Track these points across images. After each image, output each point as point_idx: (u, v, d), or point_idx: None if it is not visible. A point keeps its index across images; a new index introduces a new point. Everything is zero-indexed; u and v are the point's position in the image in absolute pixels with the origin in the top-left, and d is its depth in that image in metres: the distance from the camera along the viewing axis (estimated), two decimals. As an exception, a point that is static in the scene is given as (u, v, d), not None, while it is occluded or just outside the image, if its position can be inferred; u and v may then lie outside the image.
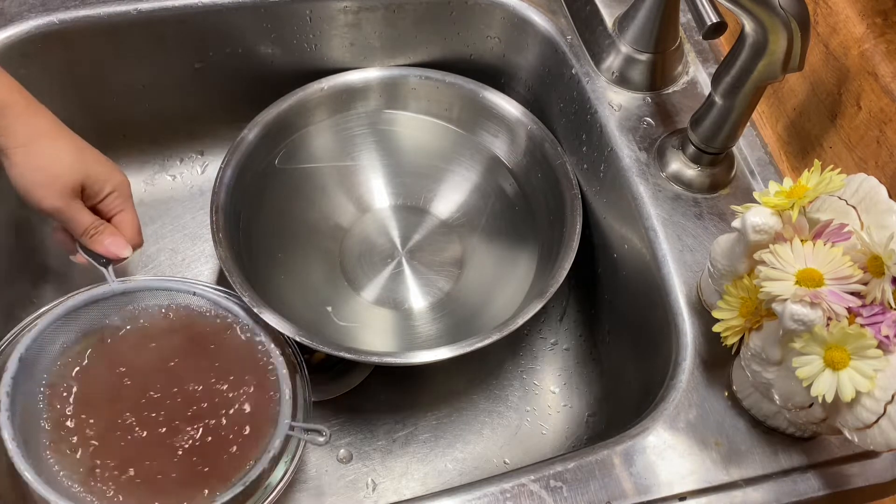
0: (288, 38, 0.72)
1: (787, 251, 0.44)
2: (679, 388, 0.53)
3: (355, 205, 0.78)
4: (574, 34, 0.70)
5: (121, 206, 0.60)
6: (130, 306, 0.59)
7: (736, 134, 0.58)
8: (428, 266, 0.75)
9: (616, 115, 0.65)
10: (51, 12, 0.66)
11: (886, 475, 0.51)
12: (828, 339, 0.42)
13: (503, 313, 0.64)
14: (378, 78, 0.75)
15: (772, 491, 0.50)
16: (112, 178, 0.60)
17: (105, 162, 0.60)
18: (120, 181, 0.60)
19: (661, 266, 0.58)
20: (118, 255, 0.59)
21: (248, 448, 0.55)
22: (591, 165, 0.68)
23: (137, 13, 0.67)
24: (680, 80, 0.68)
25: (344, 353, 0.60)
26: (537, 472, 0.49)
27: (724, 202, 0.61)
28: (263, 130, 0.70)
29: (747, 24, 0.51)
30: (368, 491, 0.67)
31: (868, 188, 0.46)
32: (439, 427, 0.70)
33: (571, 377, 0.73)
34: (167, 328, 0.59)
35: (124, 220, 0.60)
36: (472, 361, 0.71)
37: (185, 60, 0.72)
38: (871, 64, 0.56)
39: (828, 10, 0.60)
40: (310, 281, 0.73)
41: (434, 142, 0.78)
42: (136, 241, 0.61)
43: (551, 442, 0.70)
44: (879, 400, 0.41)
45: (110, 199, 0.60)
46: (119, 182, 0.60)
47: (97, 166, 0.59)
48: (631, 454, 0.50)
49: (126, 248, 0.59)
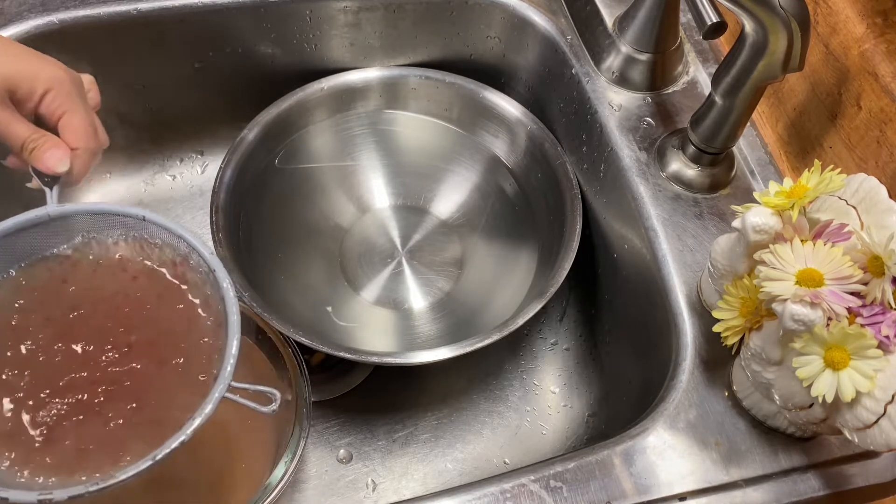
0: (288, 38, 0.72)
1: (788, 251, 0.44)
2: (679, 388, 0.53)
3: (355, 205, 0.78)
4: (574, 34, 0.70)
5: (62, 107, 0.50)
6: (80, 237, 0.51)
7: (736, 134, 0.58)
8: (428, 266, 0.75)
9: (616, 115, 0.65)
10: (50, 12, 0.66)
11: (886, 475, 0.51)
12: (828, 340, 0.42)
13: (503, 313, 0.64)
14: (378, 78, 0.75)
15: (772, 491, 0.50)
16: (42, 74, 0.49)
17: (33, 57, 0.50)
18: (53, 76, 0.49)
19: (661, 266, 0.58)
20: (55, 170, 0.49)
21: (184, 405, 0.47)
22: (591, 165, 0.68)
23: (137, 13, 0.67)
24: (680, 80, 0.68)
25: (344, 353, 0.60)
26: (537, 472, 0.49)
27: (725, 202, 0.61)
28: (263, 130, 0.71)
29: (747, 24, 0.50)
30: (368, 491, 0.67)
31: (868, 188, 0.46)
32: (439, 427, 0.70)
33: (571, 377, 0.73)
34: (115, 263, 0.51)
35: (69, 124, 0.50)
36: (472, 361, 0.71)
37: (185, 60, 0.72)
38: (871, 64, 0.56)
39: (828, 10, 0.60)
40: (310, 281, 0.73)
41: (434, 142, 0.78)
42: (83, 144, 0.50)
43: (551, 442, 0.70)
44: (879, 400, 0.41)
45: (48, 101, 0.49)
46: (52, 77, 0.49)
47: (20, 63, 0.49)
48: (631, 454, 0.50)
49: (64, 161, 0.49)
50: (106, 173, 0.78)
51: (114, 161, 0.78)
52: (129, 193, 0.79)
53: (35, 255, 0.50)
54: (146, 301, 0.50)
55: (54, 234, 0.50)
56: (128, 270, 0.51)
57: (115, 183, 0.79)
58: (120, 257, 0.52)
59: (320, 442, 0.68)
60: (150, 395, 0.47)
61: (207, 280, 0.50)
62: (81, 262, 0.51)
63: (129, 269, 0.51)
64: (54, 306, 0.49)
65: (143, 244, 0.52)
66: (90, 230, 0.51)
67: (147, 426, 0.46)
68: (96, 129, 0.51)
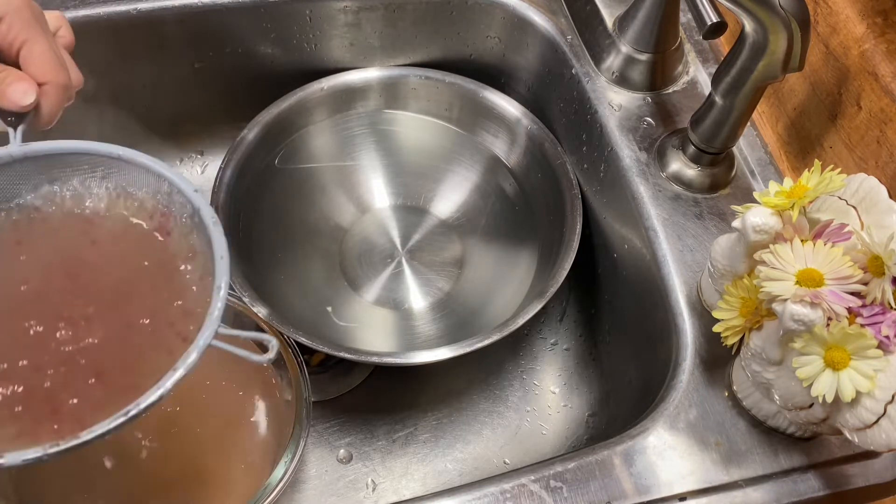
0: (288, 38, 0.72)
1: (788, 251, 0.44)
2: (679, 388, 0.53)
3: (355, 205, 0.78)
4: (574, 34, 0.70)
5: (21, 35, 0.43)
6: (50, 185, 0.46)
7: (736, 134, 0.58)
8: (428, 266, 0.75)
9: (616, 115, 0.65)
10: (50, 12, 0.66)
11: (886, 475, 0.51)
12: (828, 340, 0.42)
13: (503, 313, 0.64)
14: (378, 78, 0.75)
15: (772, 491, 0.50)
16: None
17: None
18: (6, 2, 0.43)
19: (661, 266, 0.58)
20: (19, 104, 0.43)
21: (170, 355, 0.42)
22: (591, 165, 0.68)
23: (137, 13, 0.67)
24: (680, 80, 0.68)
25: (344, 353, 0.60)
26: (537, 472, 0.49)
27: (725, 202, 0.61)
28: (263, 130, 0.70)
29: (747, 24, 0.50)
30: (368, 491, 0.67)
31: (868, 188, 0.46)
32: (439, 427, 0.70)
33: (571, 377, 0.73)
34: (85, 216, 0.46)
35: (30, 55, 0.44)
36: (472, 361, 0.71)
37: (185, 60, 0.72)
38: (871, 64, 0.56)
39: (828, 10, 0.60)
40: (310, 281, 0.72)
41: (434, 142, 0.78)
42: (51, 77, 0.44)
43: (551, 442, 0.70)
44: (880, 400, 0.41)
45: (3, 31, 0.43)
46: (5, 3, 0.43)
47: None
48: (631, 454, 0.50)
49: (29, 93, 0.43)
50: (106, 173, 0.78)
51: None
52: (129, 193, 0.79)
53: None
54: (117, 260, 0.45)
55: (18, 179, 0.45)
56: (97, 225, 0.46)
57: (115, 183, 0.79)
58: (95, 212, 0.46)
59: (320, 442, 0.68)
60: (116, 365, 0.42)
61: (193, 225, 0.45)
62: (47, 213, 0.46)
63: (99, 224, 0.46)
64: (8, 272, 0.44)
65: (122, 194, 0.46)
66: (61, 177, 0.46)
67: (115, 394, 0.41)
68: (64, 62, 0.45)
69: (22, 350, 0.42)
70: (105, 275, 0.45)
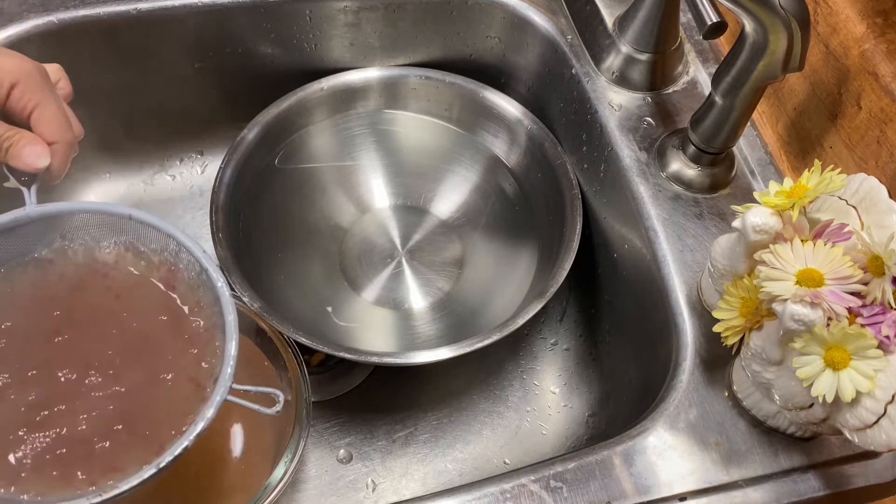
0: (288, 38, 0.72)
1: (788, 251, 0.44)
2: (679, 388, 0.53)
3: (355, 205, 0.78)
4: (574, 34, 0.70)
5: (34, 100, 0.46)
6: (60, 241, 0.48)
7: (736, 134, 0.58)
8: (428, 266, 0.75)
9: (616, 115, 0.65)
10: (50, 12, 0.66)
11: (887, 475, 0.51)
12: (828, 340, 0.42)
13: (503, 313, 0.64)
14: (378, 78, 0.75)
15: (772, 491, 0.50)
16: (6, 67, 0.45)
17: (6, 55, 0.46)
18: (19, 68, 0.46)
19: (661, 266, 0.58)
20: (34, 167, 0.46)
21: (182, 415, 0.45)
22: (591, 165, 0.68)
23: (137, 13, 0.67)
24: (680, 80, 0.68)
25: (344, 353, 0.60)
26: (537, 473, 0.49)
27: (725, 202, 0.61)
28: (263, 130, 0.70)
29: (747, 23, 0.50)
30: (368, 491, 0.67)
31: (868, 188, 0.46)
32: (439, 427, 0.70)
33: (571, 377, 0.73)
34: (100, 272, 0.49)
35: (42, 118, 0.46)
36: (472, 361, 0.71)
37: (185, 60, 0.72)
38: (871, 64, 0.56)
39: (828, 10, 0.60)
40: (310, 281, 0.72)
41: (434, 142, 0.78)
42: (60, 137, 0.47)
43: (551, 442, 0.70)
44: (880, 400, 0.41)
45: (17, 95, 0.46)
46: (18, 69, 0.46)
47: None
48: (631, 454, 0.50)
49: (44, 156, 0.46)
50: (106, 173, 0.78)
51: (113, 161, 0.78)
52: (128, 193, 0.79)
53: (14, 260, 0.48)
54: (132, 316, 0.48)
55: (35, 237, 0.48)
56: (113, 281, 0.49)
57: (114, 183, 0.79)
58: (105, 265, 0.49)
59: (320, 442, 0.68)
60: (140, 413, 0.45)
61: (200, 282, 0.48)
62: (63, 270, 0.48)
63: (114, 279, 0.49)
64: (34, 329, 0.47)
65: (131, 249, 0.49)
66: (73, 233, 0.48)
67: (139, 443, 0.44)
68: (70, 121, 0.48)
69: (60, 397, 0.45)
70: (123, 326, 0.48)
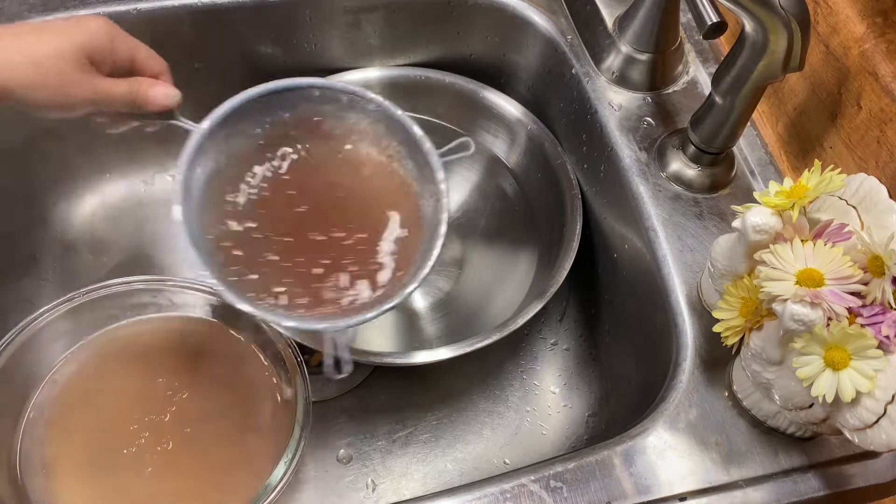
0: (288, 38, 0.72)
1: (788, 251, 0.44)
2: (679, 388, 0.53)
3: (355, 205, 0.78)
4: (574, 34, 0.70)
5: (128, 47, 0.50)
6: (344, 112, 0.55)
7: (736, 134, 0.58)
8: (428, 266, 0.75)
9: (616, 115, 0.65)
10: (50, 12, 0.66)
11: (886, 475, 0.51)
12: (828, 340, 0.42)
13: (503, 313, 0.64)
14: (378, 78, 0.75)
15: (772, 491, 0.50)
16: (100, 29, 0.48)
17: (77, 19, 0.49)
18: (105, 24, 0.49)
19: (661, 266, 0.58)
20: (166, 104, 0.50)
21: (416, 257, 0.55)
22: (591, 165, 0.68)
23: (137, 13, 0.67)
24: (680, 80, 0.68)
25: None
26: (537, 473, 0.49)
27: (725, 202, 0.61)
28: (263, 130, 0.70)
29: (747, 23, 0.50)
30: (368, 491, 0.67)
31: (868, 188, 0.46)
32: (439, 427, 0.70)
33: (571, 377, 0.73)
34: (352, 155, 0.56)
35: (141, 57, 0.50)
36: (472, 361, 0.70)
37: (185, 60, 0.72)
38: (871, 64, 0.56)
39: (828, 10, 0.60)
40: (310, 281, 0.72)
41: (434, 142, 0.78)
42: (163, 66, 0.52)
43: (551, 442, 0.70)
44: (880, 400, 0.41)
45: (119, 49, 0.49)
46: (105, 25, 0.49)
47: (81, 27, 0.48)
48: (631, 454, 0.50)
49: (170, 91, 0.50)
50: (106, 173, 0.78)
51: (114, 161, 0.78)
52: (128, 193, 0.79)
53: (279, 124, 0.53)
54: (364, 186, 0.55)
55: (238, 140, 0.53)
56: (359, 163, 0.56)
57: (114, 183, 0.79)
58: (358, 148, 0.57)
59: (320, 442, 0.68)
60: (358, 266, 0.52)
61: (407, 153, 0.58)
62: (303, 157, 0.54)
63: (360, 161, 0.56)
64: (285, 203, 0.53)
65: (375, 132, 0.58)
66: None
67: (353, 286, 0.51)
68: None
69: (311, 252, 0.52)
70: (351, 197, 0.55)
